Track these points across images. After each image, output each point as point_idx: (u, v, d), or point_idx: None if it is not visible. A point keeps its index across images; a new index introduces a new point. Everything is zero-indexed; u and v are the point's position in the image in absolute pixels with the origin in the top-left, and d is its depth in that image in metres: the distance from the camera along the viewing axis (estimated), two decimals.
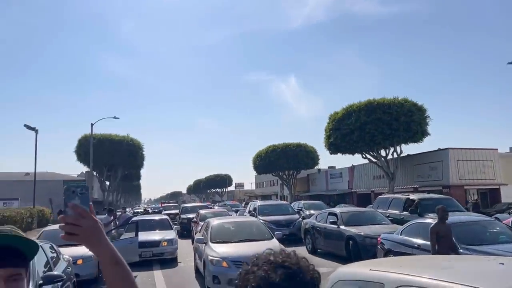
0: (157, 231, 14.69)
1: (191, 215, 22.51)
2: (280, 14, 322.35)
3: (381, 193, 35.75)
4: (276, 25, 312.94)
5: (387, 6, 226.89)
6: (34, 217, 32.28)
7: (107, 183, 51.68)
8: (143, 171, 62.91)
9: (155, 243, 13.42)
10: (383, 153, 34.89)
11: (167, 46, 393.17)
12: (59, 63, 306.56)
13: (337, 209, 14.43)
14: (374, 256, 10.40)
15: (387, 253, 9.53)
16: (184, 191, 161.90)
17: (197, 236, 11.21)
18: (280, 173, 55.97)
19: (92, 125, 38.98)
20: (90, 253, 10.21)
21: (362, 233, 11.37)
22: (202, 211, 20.38)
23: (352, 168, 48.30)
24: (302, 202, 28.64)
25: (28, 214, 30.34)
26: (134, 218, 16.92)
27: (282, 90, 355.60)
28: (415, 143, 33.98)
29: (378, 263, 3.95)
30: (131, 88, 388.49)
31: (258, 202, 22.24)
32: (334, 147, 35.43)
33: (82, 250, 10.32)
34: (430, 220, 9.44)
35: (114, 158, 46.13)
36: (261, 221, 12.08)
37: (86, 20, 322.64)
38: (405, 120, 31.34)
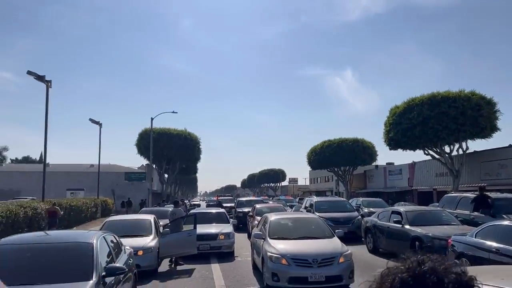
0: (214, 224, 14.72)
1: (246, 209, 22.54)
2: (337, 6, 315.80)
3: (444, 191, 33.93)
4: (333, 17, 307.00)
5: None
6: (98, 207, 33.95)
7: (166, 175, 53.29)
8: (199, 165, 64.29)
9: (213, 236, 13.42)
10: (447, 149, 33.03)
11: (223, 42, 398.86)
12: (121, 60, 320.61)
13: (401, 208, 13.68)
14: None
15: (460, 256, 8.80)
16: (238, 184, 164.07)
17: (255, 231, 11.02)
18: (336, 169, 54.84)
19: (152, 119, 40.26)
20: (151, 244, 10.47)
21: (430, 234, 10.63)
22: (258, 206, 20.33)
23: (412, 165, 46.29)
24: (361, 199, 27.74)
25: (92, 204, 31.93)
26: (192, 211, 17.14)
27: (338, 84, 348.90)
28: (483, 139, 31.85)
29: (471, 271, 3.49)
30: (188, 83, 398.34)
31: (315, 198, 21.72)
32: (394, 142, 34.01)
33: (143, 241, 10.54)
34: (508, 222, 8.61)
35: (172, 152, 47.44)
36: (321, 218, 11.65)
37: (146, 19, 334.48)
38: (472, 114, 29.38)
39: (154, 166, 49.14)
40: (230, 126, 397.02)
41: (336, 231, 9.90)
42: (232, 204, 31.26)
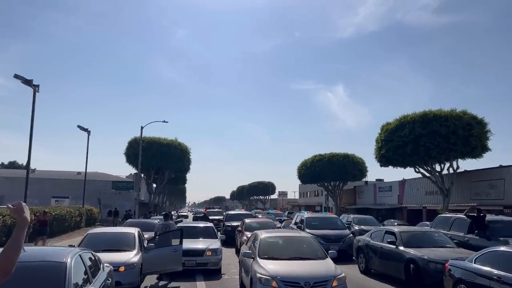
0: (201, 239, 14.16)
1: (235, 223, 21.98)
2: (331, 23, 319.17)
3: (433, 210, 33.77)
4: (326, 34, 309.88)
5: (442, 15, 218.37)
6: (82, 216, 33.03)
7: (154, 185, 52.44)
8: (188, 175, 63.43)
9: (199, 252, 12.85)
10: (437, 167, 32.99)
11: (218, 53, 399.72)
12: (113, 67, 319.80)
13: (395, 228, 13.26)
14: (439, 283, 9.32)
15: (457, 283, 8.42)
16: (228, 196, 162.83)
17: (244, 249, 10.53)
18: (326, 184, 54.56)
19: (142, 128, 39.65)
20: (133, 260, 9.88)
21: (425, 257, 10.21)
22: (247, 220, 19.85)
23: (403, 182, 46.20)
24: (352, 216, 27.28)
25: (77, 213, 31.04)
26: (179, 225, 16.55)
27: (330, 99, 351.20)
28: (474, 159, 31.92)
29: None
30: (180, 93, 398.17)
31: (306, 214, 21.26)
32: (385, 159, 33.84)
33: (125, 257, 9.96)
34: (505, 248, 8.23)
35: (161, 161, 46.74)
36: (313, 236, 11.19)
37: (140, 27, 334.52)
38: (463, 133, 29.45)
39: (142, 175, 48.33)
40: (221, 137, 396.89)
41: (329, 251, 9.45)
42: (221, 217, 30.53)
